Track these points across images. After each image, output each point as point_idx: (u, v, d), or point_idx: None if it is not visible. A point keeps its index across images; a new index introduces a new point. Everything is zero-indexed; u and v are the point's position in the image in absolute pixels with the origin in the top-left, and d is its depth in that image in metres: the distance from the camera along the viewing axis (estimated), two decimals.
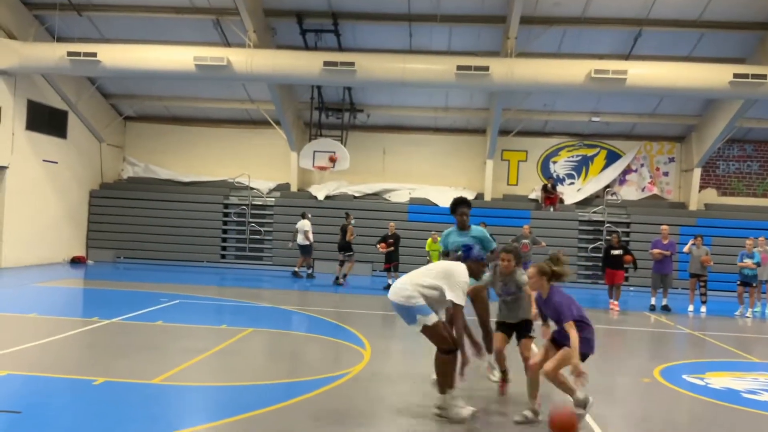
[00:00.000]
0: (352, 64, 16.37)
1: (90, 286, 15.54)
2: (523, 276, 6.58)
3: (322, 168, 19.97)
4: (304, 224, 18.45)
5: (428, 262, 16.54)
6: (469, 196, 21.29)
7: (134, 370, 7.30)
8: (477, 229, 7.63)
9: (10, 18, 17.31)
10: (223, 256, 21.48)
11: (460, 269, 6.03)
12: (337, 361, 8.25)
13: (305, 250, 18.50)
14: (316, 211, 20.40)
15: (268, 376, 7.46)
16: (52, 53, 17.10)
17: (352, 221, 17.99)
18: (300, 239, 18.43)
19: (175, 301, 12.72)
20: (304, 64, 16.86)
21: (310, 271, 18.70)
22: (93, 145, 21.62)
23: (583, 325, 5.84)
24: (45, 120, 19.16)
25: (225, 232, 21.68)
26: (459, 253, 6.54)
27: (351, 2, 17.09)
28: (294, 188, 21.91)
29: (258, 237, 21.39)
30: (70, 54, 16.78)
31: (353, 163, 20.28)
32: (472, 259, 6.19)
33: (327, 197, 21.30)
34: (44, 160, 19.15)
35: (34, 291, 13.92)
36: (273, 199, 21.63)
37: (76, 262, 20.40)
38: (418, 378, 7.71)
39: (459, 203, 7.65)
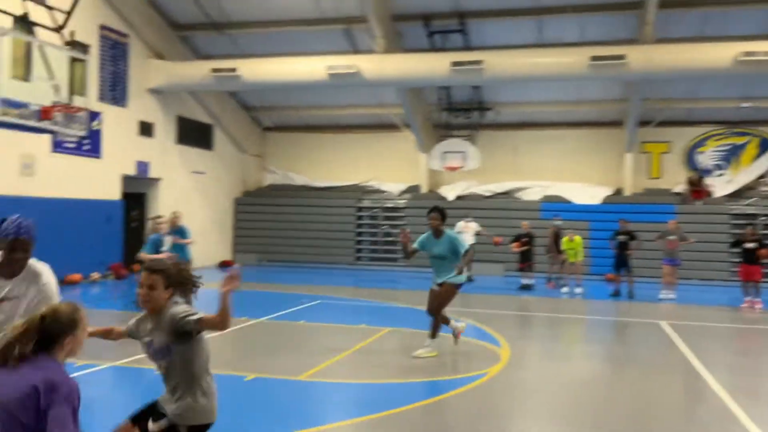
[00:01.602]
0: (479, 62, 16.23)
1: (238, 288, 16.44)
2: (185, 314, 3.49)
3: (451, 168, 19.94)
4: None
5: (564, 260, 16.05)
6: (606, 192, 20.48)
7: (282, 367, 7.65)
8: (449, 235, 8.37)
9: (160, 40, 18.73)
10: (358, 258, 22.00)
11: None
12: (474, 362, 8.21)
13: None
14: (446, 212, 20.34)
15: (407, 375, 7.55)
16: (197, 71, 18.34)
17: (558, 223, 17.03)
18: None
19: (316, 302, 13.20)
20: (431, 66, 16.94)
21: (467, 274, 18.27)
22: (236, 156, 22.94)
23: None
24: (193, 134, 20.57)
25: (359, 234, 22.20)
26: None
27: (477, 0, 16.95)
28: (424, 189, 22.05)
29: (391, 239, 21.71)
30: (213, 71, 17.89)
31: (483, 162, 20.08)
32: None
33: (458, 197, 21.24)
34: (193, 171, 20.54)
35: None
36: (404, 201, 21.88)
37: (224, 266, 21.67)
38: (556, 381, 7.53)
39: (430, 210, 8.51)
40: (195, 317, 3.48)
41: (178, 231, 11.83)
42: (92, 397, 6.46)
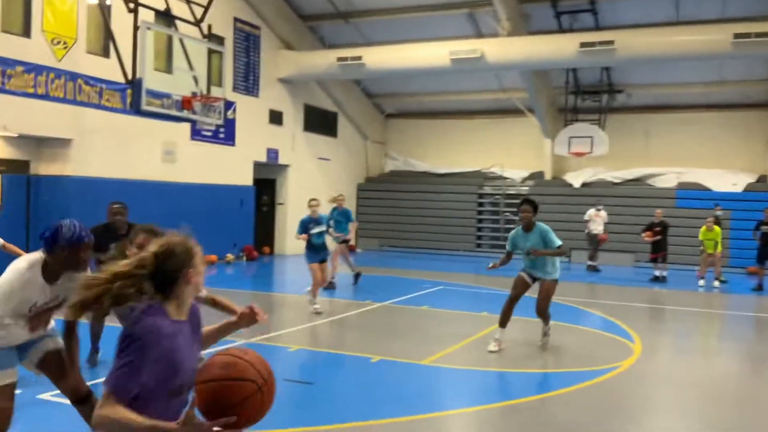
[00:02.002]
0: (611, 42, 15.52)
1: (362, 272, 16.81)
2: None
3: (578, 154, 19.27)
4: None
5: (702, 252, 15.11)
6: (749, 179, 19.05)
7: (405, 351, 7.74)
8: (540, 228, 7.75)
9: (289, 31, 19.37)
10: (478, 245, 21.82)
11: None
12: (604, 355, 7.92)
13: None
14: (571, 199, 19.78)
15: (532, 365, 7.42)
16: (323, 60, 18.83)
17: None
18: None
19: (438, 288, 13.26)
20: (559, 47, 16.41)
21: (589, 263, 17.67)
22: (359, 143, 23.38)
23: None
24: (319, 121, 21.18)
25: (480, 221, 22.00)
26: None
27: None
28: (548, 176, 21.48)
29: (512, 226, 21.32)
30: (339, 59, 18.29)
31: (612, 148, 19.24)
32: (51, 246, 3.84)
33: (583, 184, 20.51)
34: (319, 158, 21.16)
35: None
36: (527, 188, 21.41)
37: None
38: (691, 378, 7.14)
39: (520, 203, 7.99)
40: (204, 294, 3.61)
41: (342, 212, 12.84)
42: None
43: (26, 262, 3.86)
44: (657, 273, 15.51)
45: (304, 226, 10.30)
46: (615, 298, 12.76)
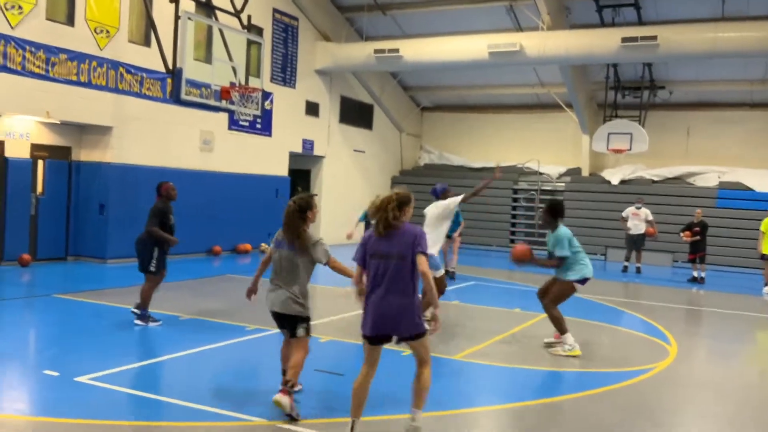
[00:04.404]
0: (654, 38, 15.21)
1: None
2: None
3: (617, 151, 18.95)
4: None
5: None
6: None
7: (437, 345, 7.69)
8: (558, 232, 7.61)
9: (327, 22, 19.40)
10: (512, 241, 21.64)
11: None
12: (639, 356, 7.79)
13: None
14: (609, 196, 19.48)
15: (566, 364, 7.33)
16: (360, 52, 18.82)
17: None
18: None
19: (470, 283, 13.18)
20: (600, 42, 16.14)
21: (624, 263, 17.23)
22: (394, 135, 23.35)
23: None
24: (355, 113, 21.20)
25: (514, 217, 21.82)
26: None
27: None
28: (585, 173, 21.17)
29: None
30: (376, 51, 18.27)
31: (652, 145, 18.88)
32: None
33: (622, 182, 20.18)
34: (354, 150, 21.19)
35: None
36: (563, 184, 21.16)
37: None
38: (724, 385, 6.98)
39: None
40: None
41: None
42: (261, 359, 6.93)
43: None
44: (695, 274, 15.20)
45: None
46: (652, 299, 12.54)
